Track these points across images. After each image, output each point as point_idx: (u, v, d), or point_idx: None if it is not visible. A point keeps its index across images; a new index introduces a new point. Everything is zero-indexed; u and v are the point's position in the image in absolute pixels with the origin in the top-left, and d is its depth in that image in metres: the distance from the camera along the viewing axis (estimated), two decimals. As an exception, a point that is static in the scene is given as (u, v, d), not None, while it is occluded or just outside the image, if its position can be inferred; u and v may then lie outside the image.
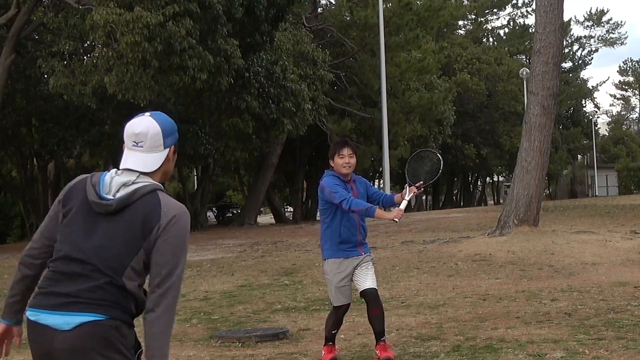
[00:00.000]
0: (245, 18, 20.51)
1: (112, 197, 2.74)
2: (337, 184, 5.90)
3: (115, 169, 2.84)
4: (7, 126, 27.72)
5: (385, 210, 6.29)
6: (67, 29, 21.17)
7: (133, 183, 2.77)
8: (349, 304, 6.04)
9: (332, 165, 6.06)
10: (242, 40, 20.83)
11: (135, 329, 2.77)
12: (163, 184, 2.93)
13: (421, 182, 5.95)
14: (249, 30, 21.46)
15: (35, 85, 26.73)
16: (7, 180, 33.72)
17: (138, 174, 2.79)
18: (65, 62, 21.46)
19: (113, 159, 33.43)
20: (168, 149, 2.86)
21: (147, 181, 2.79)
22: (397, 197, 6.05)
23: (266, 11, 21.05)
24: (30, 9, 21.63)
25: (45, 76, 24.48)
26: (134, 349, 2.75)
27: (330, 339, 6.09)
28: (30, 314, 2.71)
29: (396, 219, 5.73)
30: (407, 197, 5.81)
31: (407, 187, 5.88)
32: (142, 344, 2.76)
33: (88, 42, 23.05)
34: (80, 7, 19.92)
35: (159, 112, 2.95)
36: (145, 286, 2.79)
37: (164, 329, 2.71)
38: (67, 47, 20.70)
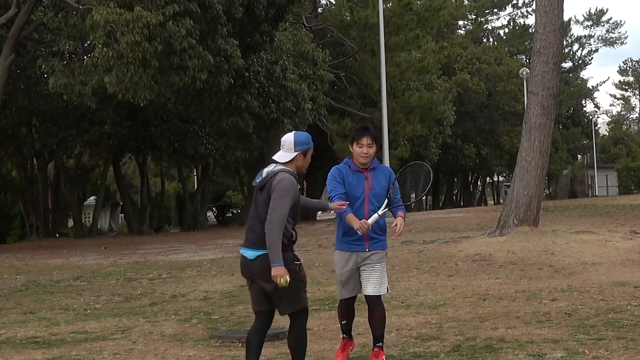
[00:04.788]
0: (245, 18, 20.51)
1: (258, 180, 5.00)
2: (336, 180, 5.73)
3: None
4: (7, 126, 27.72)
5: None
6: (67, 29, 21.15)
7: (272, 170, 4.95)
8: (353, 297, 5.87)
9: (352, 150, 5.80)
10: (242, 40, 20.83)
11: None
12: (294, 175, 5.00)
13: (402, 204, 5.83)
14: (249, 30, 21.47)
15: (35, 85, 26.73)
16: (7, 180, 33.68)
17: (277, 163, 4.98)
18: (65, 62, 21.46)
19: (113, 159, 33.45)
20: (297, 152, 5.00)
21: (280, 168, 4.95)
22: (399, 215, 5.80)
23: (266, 11, 21.05)
24: (30, 8, 21.62)
25: (45, 76, 24.49)
26: (291, 263, 4.89)
27: (344, 332, 6.00)
28: (242, 250, 5.13)
29: (358, 231, 5.53)
30: (379, 212, 5.63)
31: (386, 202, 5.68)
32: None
33: (88, 42, 23.04)
34: (80, 7, 19.90)
35: (301, 131, 5.28)
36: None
37: (273, 239, 4.77)
38: (67, 47, 20.69)
